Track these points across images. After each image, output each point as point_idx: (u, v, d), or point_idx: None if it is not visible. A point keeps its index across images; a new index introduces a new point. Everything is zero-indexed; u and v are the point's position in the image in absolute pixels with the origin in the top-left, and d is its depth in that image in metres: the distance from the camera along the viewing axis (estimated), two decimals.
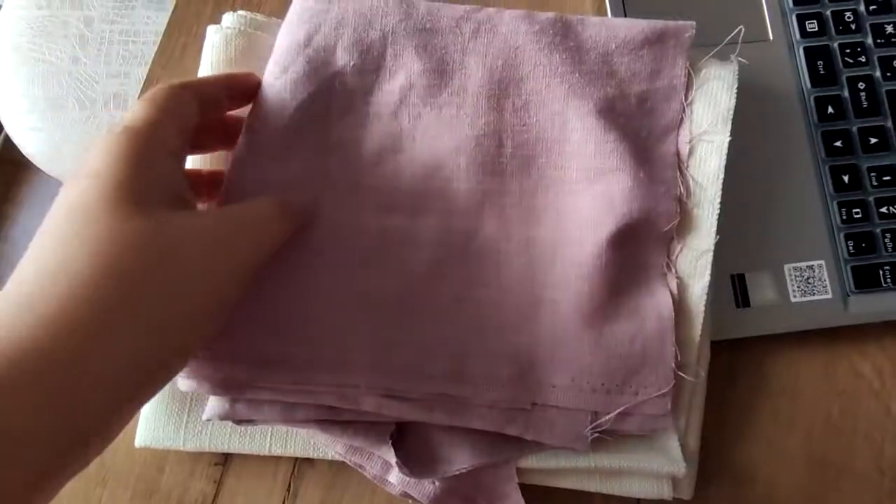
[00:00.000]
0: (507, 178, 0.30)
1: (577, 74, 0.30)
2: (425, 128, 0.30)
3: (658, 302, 0.29)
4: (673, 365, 0.28)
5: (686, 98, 0.31)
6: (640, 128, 0.31)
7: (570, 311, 0.28)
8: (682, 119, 0.31)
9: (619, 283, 0.29)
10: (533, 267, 0.29)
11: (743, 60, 0.33)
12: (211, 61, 0.33)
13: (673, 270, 0.30)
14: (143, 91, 0.35)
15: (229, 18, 0.33)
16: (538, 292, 0.29)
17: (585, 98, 0.30)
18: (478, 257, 0.30)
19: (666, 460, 0.28)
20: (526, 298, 0.29)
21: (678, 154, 0.31)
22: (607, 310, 0.28)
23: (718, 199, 0.31)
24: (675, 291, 0.29)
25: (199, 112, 0.27)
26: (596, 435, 0.28)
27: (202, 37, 0.34)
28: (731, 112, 0.32)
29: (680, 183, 0.31)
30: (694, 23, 0.32)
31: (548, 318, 0.29)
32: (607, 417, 0.27)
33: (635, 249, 0.29)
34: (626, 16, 0.36)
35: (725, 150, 0.31)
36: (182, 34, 0.36)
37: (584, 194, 0.30)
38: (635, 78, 0.31)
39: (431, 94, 0.30)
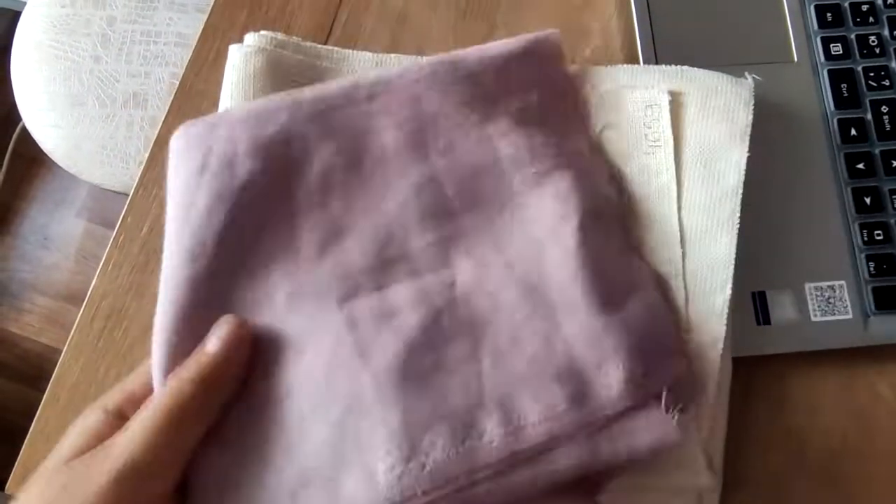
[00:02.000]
0: (460, 217, 0.30)
1: (480, 101, 0.31)
2: (360, 203, 0.29)
3: (645, 271, 0.30)
4: (674, 338, 0.29)
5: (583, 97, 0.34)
6: (549, 128, 0.31)
7: (586, 309, 0.27)
8: (587, 113, 0.33)
9: (608, 266, 0.29)
10: (525, 286, 0.28)
11: (757, 77, 0.33)
12: (232, 80, 0.33)
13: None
14: (176, 95, 0.36)
15: (251, 38, 0.34)
16: (544, 305, 0.28)
17: (498, 119, 0.30)
18: (468, 304, 0.28)
19: (691, 475, 0.28)
20: (537, 317, 0.28)
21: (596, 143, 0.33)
22: (614, 293, 0.28)
23: (737, 215, 0.32)
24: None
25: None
26: (676, 415, 0.26)
27: (237, 42, 0.34)
28: (749, 128, 0.33)
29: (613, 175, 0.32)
30: (557, 30, 0.33)
31: (569, 326, 0.27)
32: (664, 394, 0.26)
33: (605, 234, 0.30)
34: (655, 48, 0.37)
35: (744, 167, 0.32)
36: (216, 40, 0.37)
37: (537, 201, 0.30)
38: (526, 89, 0.32)
39: (352, 169, 0.29)
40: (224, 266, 0.28)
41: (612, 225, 0.31)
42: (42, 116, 0.70)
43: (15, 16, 0.73)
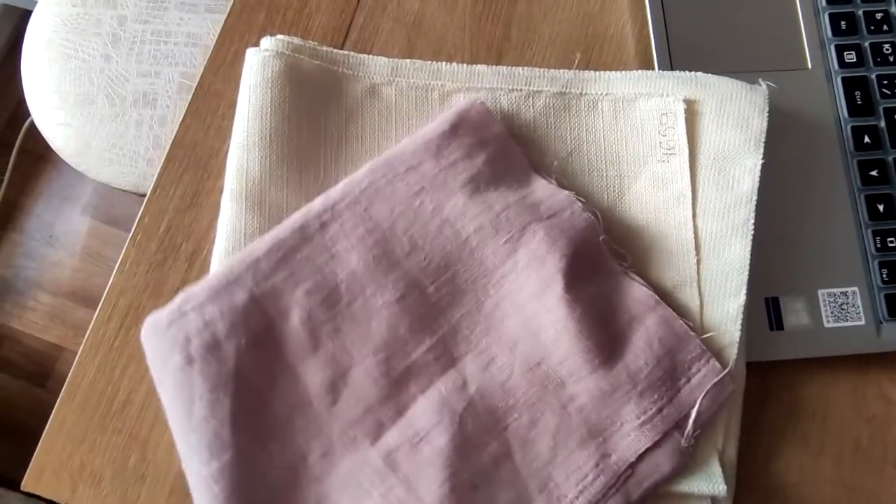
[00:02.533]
0: (449, 311, 0.30)
1: (428, 187, 0.31)
2: (351, 334, 0.29)
3: (637, 297, 0.30)
4: (692, 333, 0.30)
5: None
6: (504, 188, 0.31)
7: (591, 371, 0.29)
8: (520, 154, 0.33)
9: (602, 314, 0.30)
10: (529, 365, 0.29)
11: (772, 84, 0.34)
12: (250, 83, 0.33)
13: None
14: (193, 96, 0.36)
15: (267, 42, 0.34)
16: (552, 381, 0.29)
17: (451, 198, 0.31)
18: (484, 399, 0.29)
19: (706, 481, 0.28)
20: (548, 394, 0.29)
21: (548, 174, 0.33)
22: (613, 343, 0.29)
23: (752, 221, 0.32)
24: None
25: None
26: (693, 441, 0.29)
27: (254, 45, 0.35)
28: (763, 135, 0.33)
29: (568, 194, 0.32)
30: (481, 99, 0.33)
31: (580, 394, 0.29)
32: (691, 421, 0.28)
33: (589, 274, 0.30)
34: (670, 54, 0.37)
35: (758, 173, 0.32)
36: (234, 42, 0.37)
37: (516, 268, 0.30)
38: (468, 157, 0.31)
39: (332, 303, 0.29)
40: (247, 448, 0.28)
41: (598, 255, 0.31)
42: (52, 115, 0.70)
43: (26, 14, 0.73)
